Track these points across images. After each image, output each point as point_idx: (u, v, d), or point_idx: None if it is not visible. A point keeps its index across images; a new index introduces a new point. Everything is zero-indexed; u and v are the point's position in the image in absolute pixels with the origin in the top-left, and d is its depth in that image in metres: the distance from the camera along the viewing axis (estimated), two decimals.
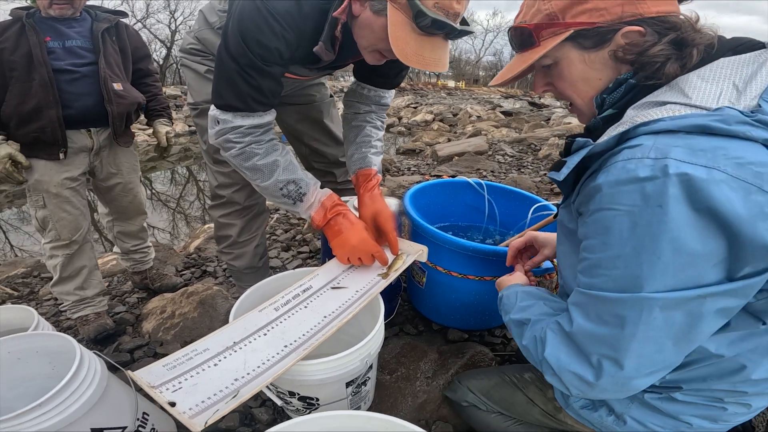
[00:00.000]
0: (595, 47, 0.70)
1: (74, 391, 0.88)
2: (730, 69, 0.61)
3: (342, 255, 1.11)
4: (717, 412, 0.75)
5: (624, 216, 0.58)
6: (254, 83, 0.99)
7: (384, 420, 0.68)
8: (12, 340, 1.06)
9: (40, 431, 0.83)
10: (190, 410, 0.65)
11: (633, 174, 0.56)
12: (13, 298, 2.46)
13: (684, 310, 0.58)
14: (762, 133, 0.53)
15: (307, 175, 1.14)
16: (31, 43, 1.56)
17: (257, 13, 0.94)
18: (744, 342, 0.66)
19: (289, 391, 0.93)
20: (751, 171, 0.51)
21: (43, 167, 1.62)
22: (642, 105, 0.64)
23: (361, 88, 1.35)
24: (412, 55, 0.89)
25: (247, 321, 0.86)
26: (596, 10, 0.66)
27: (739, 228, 0.51)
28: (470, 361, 1.37)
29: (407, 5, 0.85)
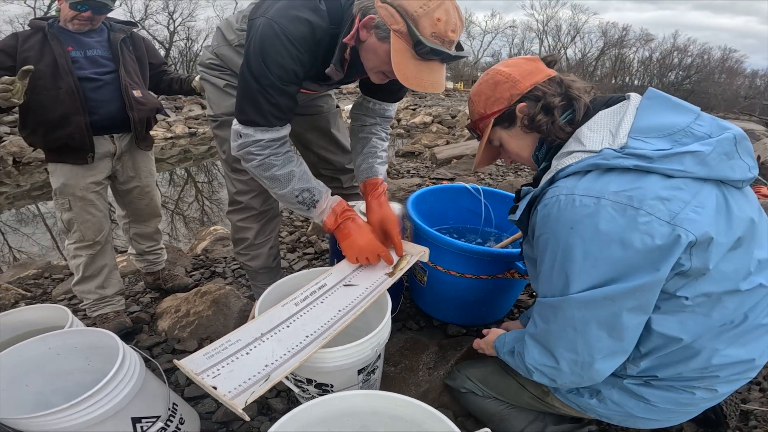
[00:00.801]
0: (511, 125, 0.99)
1: (118, 384, 0.97)
2: (605, 119, 0.84)
3: (351, 255, 1.22)
4: (687, 396, 0.88)
5: (550, 237, 0.80)
6: (273, 101, 1.11)
7: (398, 398, 0.80)
8: (54, 336, 1.14)
9: (90, 420, 0.92)
10: (230, 393, 0.76)
11: (553, 207, 0.79)
12: (26, 299, 2.54)
13: (601, 306, 0.77)
14: (630, 161, 0.74)
15: (319, 183, 1.26)
16: (56, 52, 1.63)
17: (276, 39, 1.05)
18: (691, 324, 0.79)
19: (307, 379, 1.05)
20: (624, 195, 0.73)
21: (70, 172, 1.70)
22: (560, 155, 0.86)
23: (367, 101, 1.46)
24: (412, 79, 1.00)
25: (272, 315, 0.98)
26: (498, 100, 0.97)
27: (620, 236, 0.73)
28: (468, 353, 1.48)
29: (407, 34, 0.97)
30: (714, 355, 0.82)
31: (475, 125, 1.05)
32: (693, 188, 0.72)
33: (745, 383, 0.94)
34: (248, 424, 1.35)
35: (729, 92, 44.65)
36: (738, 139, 0.76)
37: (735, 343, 0.82)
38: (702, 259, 0.73)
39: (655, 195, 0.71)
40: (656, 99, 0.85)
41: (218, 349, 0.86)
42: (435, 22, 0.95)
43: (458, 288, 1.49)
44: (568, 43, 51.94)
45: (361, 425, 0.91)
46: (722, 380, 0.86)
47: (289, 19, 1.05)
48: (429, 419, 0.81)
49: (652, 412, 0.92)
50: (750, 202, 0.81)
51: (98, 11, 1.69)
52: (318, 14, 1.08)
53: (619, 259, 0.73)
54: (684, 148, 0.74)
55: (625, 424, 1.00)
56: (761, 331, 0.84)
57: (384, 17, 0.98)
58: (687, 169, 0.72)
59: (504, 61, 1.01)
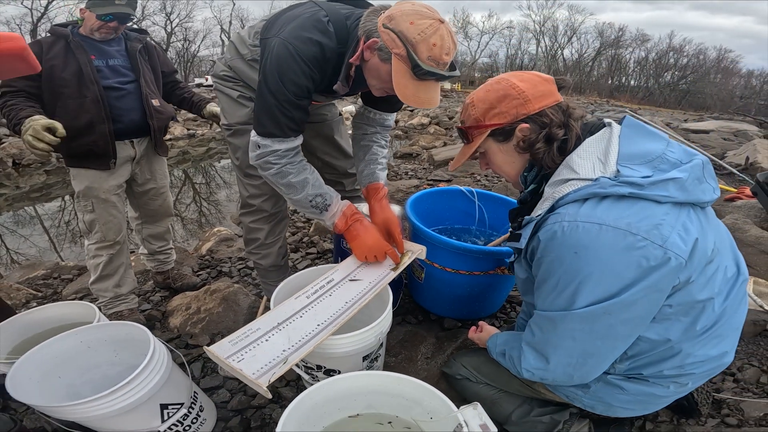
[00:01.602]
0: (506, 141, 1.00)
1: (150, 373, 1.06)
2: (592, 147, 0.90)
3: (360, 254, 1.34)
4: (662, 389, 0.99)
5: (555, 260, 0.87)
6: (289, 114, 1.22)
7: (400, 378, 0.91)
8: (87, 330, 1.23)
9: (126, 406, 1.02)
10: (254, 374, 0.87)
11: (557, 232, 0.85)
12: (37, 299, 2.63)
13: (599, 319, 0.85)
14: (625, 189, 0.82)
15: (330, 189, 1.37)
16: (81, 61, 1.68)
17: (291, 59, 1.17)
18: (673, 329, 0.90)
19: (317, 365, 1.16)
20: (623, 221, 0.80)
21: (93, 176, 1.77)
22: (554, 183, 0.92)
23: (368, 111, 1.57)
24: (410, 97, 1.11)
25: (287, 306, 1.10)
26: (501, 113, 0.96)
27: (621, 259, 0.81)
28: (463, 344, 1.60)
29: (407, 58, 1.07)
30: (690, 355, 0.92)
31: (467, 129, 1.04)
32: (675, 213, 0.82)
33: (716, 374, 1.06)
34: (260, 411, 1.46)
35: (724, 92, 44.86)
36: (704, 164, 0.87)
37: (709, 343, 0.92)
38: (686, 274, 0.82)
39: (649, 222, 0.79)
40: (634, 127, 0.93)
41: (241, 336, 0.98)
42: (431, 47, 1.05)
43: (453, 284, 1.61)
44: (565, 44, 52.16)
45: (367, 403, 1.03)
46: (697, 376, 0.97)
47: (301, 40, 1.17)
48: (427, 396, 0.92)
49: (631, 403, 1.02)
50: (711, 220, 0.92)
51: (122, 21, 1.76)
52: (327, 36, 1.19)
53: (618, 278, 0.81)
54: (666, 175, 0.83)
55: (607, 413, 1.09)
56: (731, 329, 0.95)
57: (386, 41, 1.08)
58: (671, 194, 0.81)
59: (518, 73, 1.00)
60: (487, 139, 1.02)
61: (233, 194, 6.46)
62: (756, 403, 1.40)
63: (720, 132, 9.54)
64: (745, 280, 0.96)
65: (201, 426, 1.28)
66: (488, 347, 1.19)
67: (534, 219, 0.92)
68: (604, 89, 49.67)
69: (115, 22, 1.73)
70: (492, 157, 1.05)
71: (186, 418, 1.20)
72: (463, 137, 1.08)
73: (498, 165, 1.06)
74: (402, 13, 1.07)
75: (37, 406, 1.03)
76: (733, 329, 0.95)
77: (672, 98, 46.21)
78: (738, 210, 2.92)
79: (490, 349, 1.18)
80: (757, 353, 1.69)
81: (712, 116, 17.60)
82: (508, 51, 54.25)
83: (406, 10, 1.08)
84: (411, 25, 1.05)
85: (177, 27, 36.11)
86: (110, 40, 1.81)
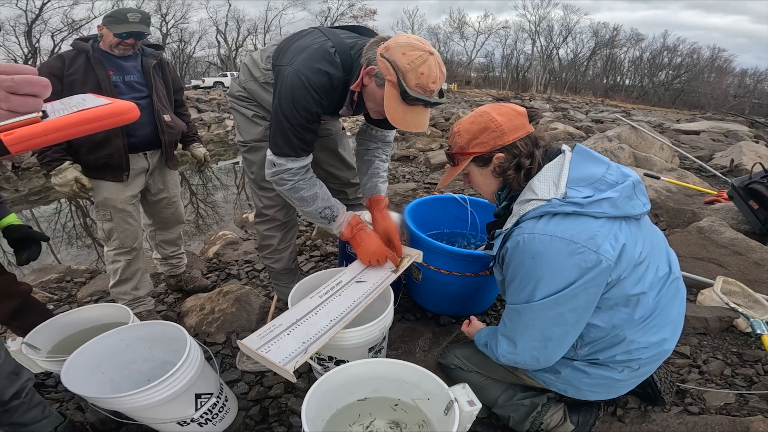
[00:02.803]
0: (484, 166, 1.20)
1: (188, 366, 1.20)
2: (549, 172, 1.10)
3: (365, 258, 1.51)
4: (617, 373, 1.17)
5: (518, 264, 1.07)
6: (301, 137, 1.39)
7: (401, 364, 1.08)
8: (126, 329, 1.37)
9: (169, 395, 1.16)
10: (281, 362, 1.04)
11: (519, 242, 1.06)
12: (53, 301, 2.75)
13: (551, 308, 1.05)
14: (570, 207, 1.02)
15: (337, 201, 1.54)
16: (99, 77, 1.77)
17: (303, 88, 1.32)
18: (616, 317, 1.08)
19: (328, 356, 1.33)
20: (567, 233, 1.00)
21: (110, 187, 1.88)
22: (520, 202, 1.12)
23: (370, 129, 1.73)
24: (399, 120, 1.25)
25: (303, 305, 1.27)
26: (482, 143, 1.16)
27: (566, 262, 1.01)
28: (456, 338, 1.78)
29: (397, 84, 1.20)
30: (634, 341, 1.11)
31: (453, 155, 1.24)
32: (608, 225, 1.02)
33: (662, 363, 1.25)
34: (277, 401, 1.62)
35: (718, 91, 45.20)
36: (635, 183, 1.08)
37: (649, 331, 1.11)
38: (616, 272, 1.02)
39: (587, 233, 1.00)
40: (582, 153, 1.14)
41: (267, 331, 1.15)
42: (419, 75, 1.18)
43: (448, 284, 1.78)
44: (560, 44, 52.41)
45: (373, 388, 1.20)
46: (644, 361, 1.15)
47: (312, 71, 1.32)
48: (424, 379, 1.10)
49: (595, 386, 1.21)
50: (644, 229, 1.11)
51: (138, 38, 1.86)
52: (334, 66, 1.34)
53: (564, 277, 1.01)
54: (602, 195, 1.03)
55: (577, 395, 1.27)
56: (668, 320, 1.14)
57: (382, 69, 1.22)
58: (605, 211, 1.02)
59: (497, 107, 1.18)
60: (470, 164, 1.22)
61: (230, 196, 6.62)
62: (718, 394, 1.53)
63: (710, 133, 9.66)
64: (676, 278, 1.16)
65: (226, 414, 1.44)
66: (474, 340, 1.38)
67: (503, 232, 1.13)
68: (599, 89, 49.98)
69: (131, 39, 1.83)
70: (473, 178, 1.27)
71: (215, 407, 1.36)
72: (450, 160, 1.27)
73: (478, 185, 1.27)
74: (397, 44, 1.22)
75: (90, 397, 1.17)
76: (670, 320, 1.14)
77: (666, 97, 46.52)
78: (716, 213, 3.09)
79: (476, 341, 1.37)
80: (722, 347, 1.83)
81: (704, 116, 17.78)
82: (504, 51, 54.58)
83: (401, 42, 1.22)
84: (403, 56, 1.19)
85: (172, 28, 36.07)
86: (128, 56, 1.91)
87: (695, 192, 3.59)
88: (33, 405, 1.19)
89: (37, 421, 1.20)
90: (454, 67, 53.23)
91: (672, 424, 1.36)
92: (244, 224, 4.78)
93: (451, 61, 52.71)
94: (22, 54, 28.06)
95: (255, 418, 1.54)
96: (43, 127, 0.55)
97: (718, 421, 1.34)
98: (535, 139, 1.17)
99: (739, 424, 1.31)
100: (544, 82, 51.59)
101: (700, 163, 4.92)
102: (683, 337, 1.88)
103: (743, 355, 1.77)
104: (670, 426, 1.36)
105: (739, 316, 1.91)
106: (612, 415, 1.47)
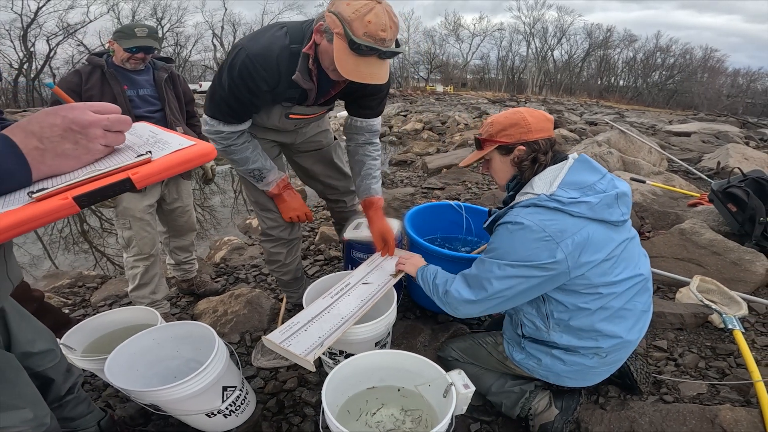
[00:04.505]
0: (506, 155, 1.37)
1: (216, 362, 1.32)
2: (549, 173, 1.28)
3: (287, 214, 1.72)
4: (588, 360, 1.33)
5: (499, 233, 1.27)
6: (230, 105, 1.46)
7: (405, 354, 1.24)
8: (157, 329, 1.49)
9: (201, 387, 1.27)
10: (302, 353, 1.20)
11: (507, 219, 1.25)
12: (67, 306, 2.88)
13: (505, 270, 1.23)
14: (551, 203, 1.20)
15: (270, 164, 1.68)
16: (115, 92, 1.84)
17: (242, 60, 1.35)
18: (580, 301, 1.25)
19: (339, 351, 1.49)
20: (542, 223, 1.18)
21: (129, 197, 1.99)
22: (521, 193, 1.30)
23: (354, 120, 1.76)
24: (351, 72, 1.23)
25: (316, 305, 1.43)
26: (508, 135, 1.34)
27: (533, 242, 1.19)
28: (453, 334, 1.94)
29: (344, 35, 1.20)
30: (600, 331, 1.27)
31: (483, 140, 1.42)
32: (582, 224, 1.19)
33: (630, 353, 1.41)
34: (291, 393, 1.76)
35: (711, 91, 45.61)
36: (619, 195, 1.24)
37: (612, 321, 1.28)
38: (577, 265, 1.19)
39: (557, 226, 1.18)
40: (582, 162, 1.31)
41: (287, 328, 1.31)
42: (366, 23, 1.18)
43: None
44: (555, 45, 52.81)
45: (380, 377, 1.36)
46: (610, 350, 1.31)
47: (253, 42, 1.36)
48: (426, 368, 1.26)
49: (572, 373, 1.36)
50: (622, 233, 1.27)
51: (148, 52, 1.93)
52: (276, 37, 1.36)
53: (528, 253, 1.20)
54: (584, 198, 1.20)
55: (558, 382, 1.42)
56: (632, 314, 1.30)
57: (329, 23, 1.24)
58: (581, 212, 1.19)
59: (531, 110, 1.35)
60: (494, 151, 1.40)
61: (227, 200, 6.76)
62: (692, 384, 1.67)
63: (701, 134, 9.80)
64: (645, 278, 1.32)
65: (247, 406, 1.57)
66: (418, 272, 1.56)
67: (498, 212, 1.35)
68: (593, 90, 50.33)
69: (141, 53, 1.90)
70: (493, 164, 1.43)
71: (238, 399, 1.49)
72: (478, 145, 1.45)
73: (495, 171, 1.44)
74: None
75: (133, 391, 1.27)
76: (634, 314, 1.30)
77: (660, 98, 46.88)
78: (698, 215, 3.26)
79: (419, 275, 1.55)
80: (697, 342, 1.99)
81: (696, 117, 18.01)
82: (500, 53, 54.90)
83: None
84: (347, 6, 1.20)
85: (168, 32, 36.11)
86: (140, 70, 1.98)
87: (680, 195, 3.76)
88: (81, 400, 1.29)
89: (83, 415, 1.30)
90: (450, 70, 53.53)
91: (648, 411, 1.50)
92: (248, 229, 4.92)
93: (447, 64, 53.02)
94: (18, 58, 28.08)
95: (272, 409, 1.69)
96: (157, 166, 0.64)
97: (689, 409, 1.48)
98: (553, 142, 1.34)
99: (708, 412, 1.45)
100: (539, 83, 51.95)
101: (686, 167, 5.10)
102: (661, 332, 2.05)
103: (716, 348, 1.93)
104: (646, 413, 1.50)
105: (713, 312, 2.07)
106: (595, 403, 1.63)
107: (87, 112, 0.65)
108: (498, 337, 1.56)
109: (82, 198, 0.58)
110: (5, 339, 1.00)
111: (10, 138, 0.61)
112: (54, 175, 0.65)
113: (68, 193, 0.58)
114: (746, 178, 2.95)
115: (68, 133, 0.64)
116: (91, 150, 0.66)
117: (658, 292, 2.49)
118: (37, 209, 0.56)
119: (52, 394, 1.17)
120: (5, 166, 0.60)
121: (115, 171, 0.61)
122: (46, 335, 1.14)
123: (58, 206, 0.57)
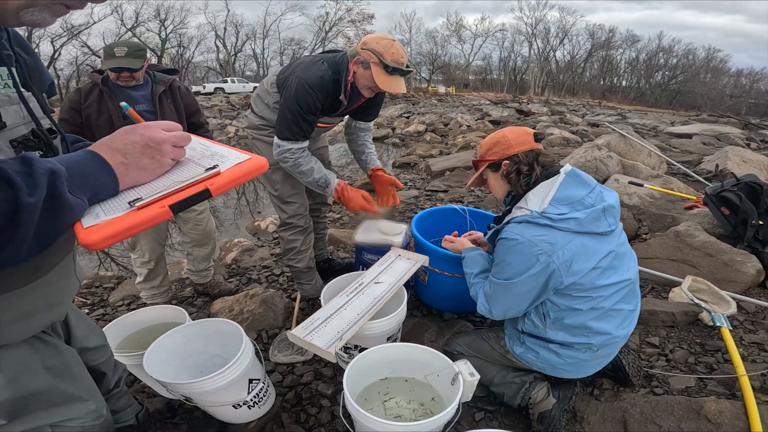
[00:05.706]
0: (496, 171, 1.53)
1: (244, 356, 1.40)
2: (541, 189, 1.40)
3: (352, 208, 1.96)
4: (581, 354, 1.46)
5: (500, 250, 1.40)
6: (299, 125, 1.80)
7: (415, 346, 1.38)
8: (188, 326, 1.60)
9: (231, 380, 1.36)
10: (323, 345, 1.33)
11: (504, 237, 1.38)
12: (86, 305, 3.00)
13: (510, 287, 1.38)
14: (543, 220, 1.33)
15: (329, 173, 1.98)
16: (110, 109, 1.86)
17: (303, 89, 1.75)
18: (574, 303, 1.38)
19: (354, 345, 1.62)
20: (534, 238, 1.32)
21: None
22: (516, 207, 1.42)
23: (358, 123, 2.21)
24: (387, 85, 1.71)
25: (334, 302, 1.56)
26: (493, 153, 1.51)
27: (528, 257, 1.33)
28: (458, 330, 2.07)
29: (379, 63, 1.69)
30: (591, 328, 1.40)
31: (476, 161, 1.63)
32: (570, 238, 1.32)
33: (620, 347, 1.54)
34: (308, 386, 1.88)
35: (714, 91, 45.49)
36: (606, 208, 1.37)
37: (603, 320, 1.40)
38: (570, 273, 1.33)
39: (548, 241, 1.31)
40: (572, 177, 1.43)
41: (308, 324, 1.44)
42: (392, 53, 1.69)
43: (450, 284, 2.06)
44: (557, 46, 52.79)
45: (392, 369, 1.49)
46: (600, 345, 1.44)
47: (309, 75, 1.76)
48: (435, 359, 1.39)
49: (567, 365, 1.49)
50: (611, 241, 1.40)
51: (132, 71, 1.90)
52: (324, 70, 1.78)
53: (524, 267, 1.34)
54: (573, 214, 1.33)
55: (554, 374, 1.54)
56: (620, 314, 1.43)
57: (365, 56, 1.73)
58: (569, 227, 1.33)
59: (512, 128, 1.54)
60: (486, 169, 1.58)
61: (230, 201, 6.88)
62: (681, 378, 1.77)
63: (702, 136, 9.79)
64: (633, 282, 1.45)
65: (269, 398, 1.68)
66: (464, 257, 1.74)
67: (496, 227, 1.50)
68: (596, 90, 50.31)
69: (125, 72, 1.89)
70: (489, 181, 1.61)
71: (261, 390, 1.60)
72: (474, 167, 1.66)
73: (492, 187, 1.62)
74: (370, 39, 1.75)
75: (170, 383, 1.37)
76: (622, 313, 1.43)
77: (663, 98, 46.80)
78: (693, 218, 3.36)
79: (466, 261, 1.72)
80: (688, 338, 2.10)
81: (698, 118, 18.02)
82: (502, 53, 54.94)
83: (371, 37, 1.75)
84: (377, 44, 1.71)
85: (171, 33, 36.28)
86: (139, 84, 1.98)
87: (677, 198, 3.87)
88: (124, 393, 1.36)
89: (125, 408, 1.38)
90: (452, 71, 53.58)
91: (639, 402, 1.62)
92: (256, 231, 5.04)
93: (449, 65, 53.07)
94: None
95: (291, 401, 1.81)
96: (227, 178, 0.72)
97: (677, 401, 1.59)
98: (537, 153, 1.48)
99: (694, 403, 1.56)
100: (541, 84, 51.96)
101: (684, 170, 5.21)
102: (653, 329, 2.17)
103: (705, 345, 2.04)
104: (637, 404, 1.61)
105: (703, 310, 2.19)
106: (590, 395, 1.75)
107: (159, 130, 0.75)
108: (500, 332, 1.69)
109: (175, 206, 0.68)
110: (66, 335, 1.07)
111: (100, 155, 0.72)
112: (134, 185, 0.74)
113: (164, 201, 0.67)
114: (739, 182, 3.06)
115: (146, 149, 0.73)
116: (163, 164, 0.76)
117: (651, 291, 2.60)
118: (141, 216, 0.65)
119: (103, 387, 1.23)
120: (102, 179, 0.69)
121: (194, 183, 0.71)
122: (98, 331, 1.23)
123: (158, 213, 0.66)
